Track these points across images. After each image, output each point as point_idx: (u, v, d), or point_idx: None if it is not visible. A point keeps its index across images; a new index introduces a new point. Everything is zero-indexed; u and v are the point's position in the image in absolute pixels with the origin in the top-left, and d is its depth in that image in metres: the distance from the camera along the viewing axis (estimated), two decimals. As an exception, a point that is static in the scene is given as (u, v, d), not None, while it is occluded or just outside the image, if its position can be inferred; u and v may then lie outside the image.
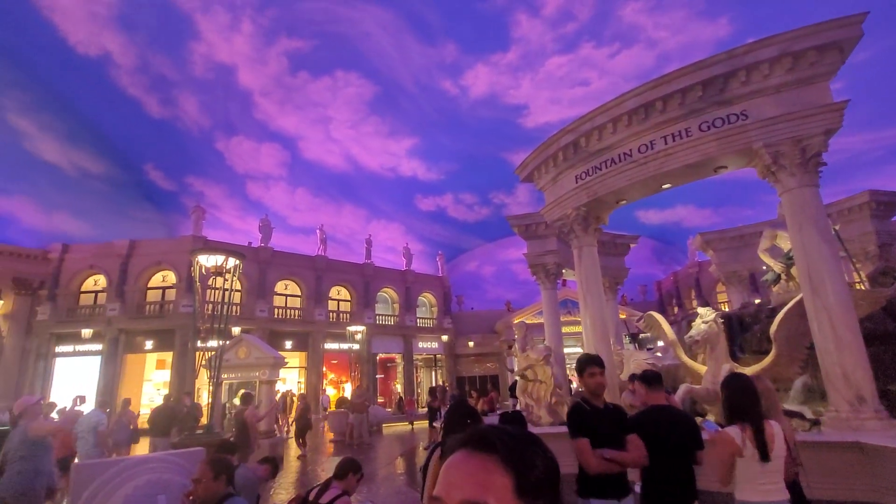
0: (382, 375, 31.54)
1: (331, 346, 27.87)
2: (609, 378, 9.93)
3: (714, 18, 31.81)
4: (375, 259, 31.77)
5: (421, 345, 32.62)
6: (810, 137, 7.61)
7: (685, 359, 9.56)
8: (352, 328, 23.49)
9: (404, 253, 33.82)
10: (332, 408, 20.18)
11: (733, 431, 3.05)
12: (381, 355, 31.06)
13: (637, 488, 7.04)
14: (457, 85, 36.25)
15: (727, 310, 17.15)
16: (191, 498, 2.79)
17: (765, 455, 2.95)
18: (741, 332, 10.22)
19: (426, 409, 17.94)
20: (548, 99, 36.86)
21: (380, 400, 28.73)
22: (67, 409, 8.03)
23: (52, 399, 16.31)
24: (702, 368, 8.79)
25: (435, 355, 33.67)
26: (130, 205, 32.41)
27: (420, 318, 33.44)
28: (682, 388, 8.62)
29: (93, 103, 29.11)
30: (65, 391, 20.02)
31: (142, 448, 11.78)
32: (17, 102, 27.21)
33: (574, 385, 14.64)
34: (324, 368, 27.99)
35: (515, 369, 12.72)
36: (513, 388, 17.67)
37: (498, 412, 16.13)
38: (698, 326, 8.33)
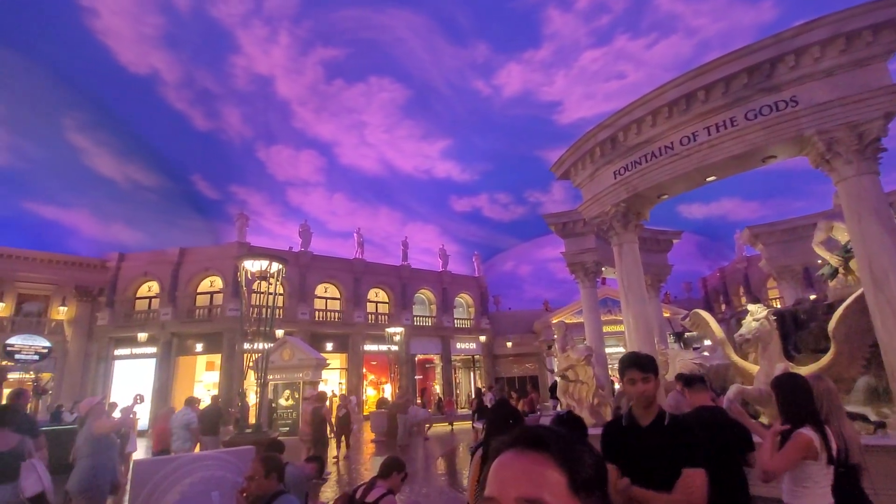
0: (421, 376, 31.76)
1: (370, 347, 28.30)
2: (654, 378, 9.65)
3: (756, 2, 30.42)
4: (412, 261, 32.05)
5: (459, 345, 32.65)
6: (868, 122, 7.15)
7: (735, 358, 9.17)
8: (390, 329, 23.78)
9: (440, 254, 33.96)
10: (372, 408, 20.53)
11: (810, 433, 2.88)
12: (419, 356, 31.29)
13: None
14: (489, 84, 36.14)
15: (780, 306, 16.33)
16: (244, 494, 2.90)
17: (832, 459, 2.80)
18: (796, 329, 9.71)
19: (472, 410, 17.98)
20: (582, 94, 36.21)
21: (418, 401, 28.94)
22: (127, 408, 8.49)
23: (112, 399, 17.29)
24: (753, 368, 8.41)
25: (473, 356, 33.63)
26: (179, 214, 34.00)
27: (457, 318, 33.49)
28: (733, 389, 8.27)
29: (143, 119, 30.71)
30: (124, 392, 21.17)
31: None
32: (76, 122, 29.05)
33: (618, 386, 14.30)
34: (364, 370, 28.47)
35: (556, 370, 12.54)
36: (553, 388, 17.44)
37: (539, 413, 15.94)
38: (749, 324, 7.97)
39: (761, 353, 8.06)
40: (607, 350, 15.56)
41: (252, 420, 9.65)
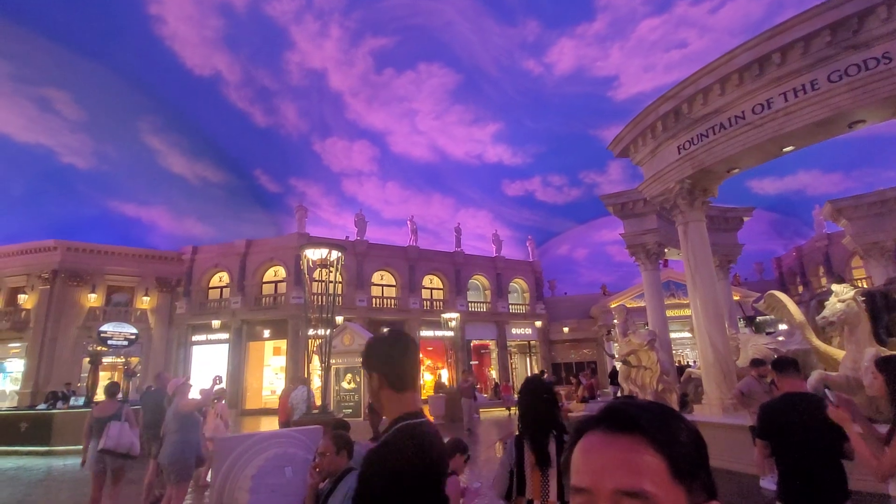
0: (476, 362, 31.95)
1: (426, 333, 28.77)
2: (725, 365, 9.17)
3: (840, -49, 27.46)
4: (465, 247, 32.09)
5: (514, 331, 32.50)
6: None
7: (817, 343, 8.53)
8: (446, 315, 24.02)
9: (493, 239, 33.77)
10: (430, 392, 20.93)
11: None
12: (474, 342, 31.45)
13: (766, 484, 6.43)
14: (540, 63, 35.14)
15: (868, 286, 14.96)
16: (317, 469, 3.03)
17: None
18: (887, 311, 8.86)
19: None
20: (640, 67, 34.44)
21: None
22: (206, 389, 9.18)
23: (191, 381, 18.64)
24: (838, 353, 7.78)
25: (529, 341, 33.39)
26: (244, 208, 35.85)
27: (512, 304, 33.29)
28: (815, 375, 7.69)
29: (209, 119, 32.47)
30: (201, 374, 22.81)
31: (266, 425, 13.09)
32: (150, 125, 31.18)
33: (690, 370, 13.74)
34: (420, 355, 28.99)
35: (617, 355, 12.19)
36: (613, 374, 17.02)
37: (599, 400, 15.62)
38: (833, 306, 7.36)
39: (847, 336, 7.44)
40: (672, 335, 14.94)
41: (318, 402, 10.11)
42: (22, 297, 25.41)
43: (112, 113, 29.68)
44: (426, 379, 29.17)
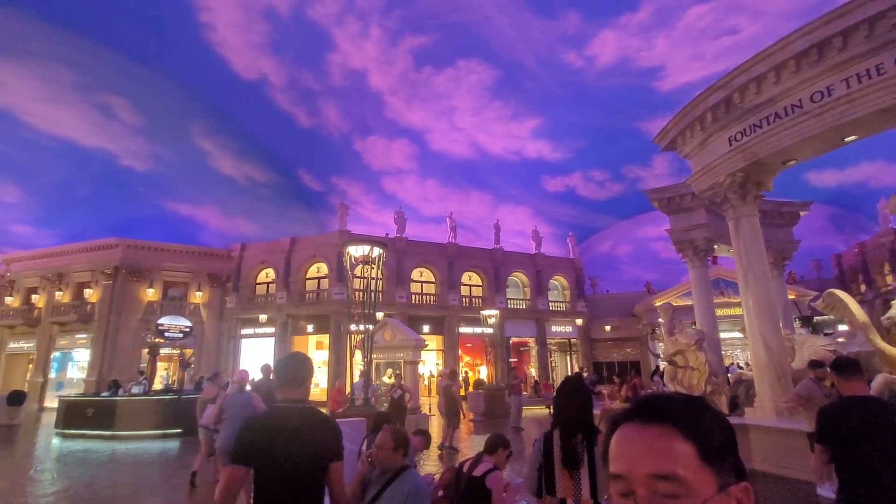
0: (516, 359, 31.77)
1: (465, 329, 28.84)
2: (780, 367, 8.75)
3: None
4: (504, 244, 31.92)
5: (554, 328, 32.09)
6: None
7: (882, 345, 8.00)
8: (485, 312, 23.99)
9: (533, 236, 33.42)
10: (469, 388, 20.99)
11: None
12: (513, 339, 31.28)
13: (824, 491, 6.10)
14: (581, 56, 34.40)
15: (942, 286, 13.87)
16: (369, 459, 3.06)
17: None
18: (965, 312, 8.21)
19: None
20: (688, 56, 33.12)
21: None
22: (258, 380, 9.66)
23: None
24: (908, 356, 7.27)
25: (569, 339, 32.88)
26: (289, 206, 37.03)
27: (552, 301, 32.88)
28: (880, 379, 7.24)
29: (256, 121, 33.69)
30: (250, 366, 23.76)
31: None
32: (201, 128, 32.68)
33: (737, 370, 13.21)
34: (459, 351, 29.12)
35: (662, 355, 11.84)
36: (654, 374, 16.53)
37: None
38: (902, 305, 6.88)
39: (919, 338, 6.94)
40: (721, 335, 14.35)
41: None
42: (87, 292, 27.24)
43: (167, 117, 31.31)
44: (466, 375, 29.28)
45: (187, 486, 7.97)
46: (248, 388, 7.59)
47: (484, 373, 29.75)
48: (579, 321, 32.41)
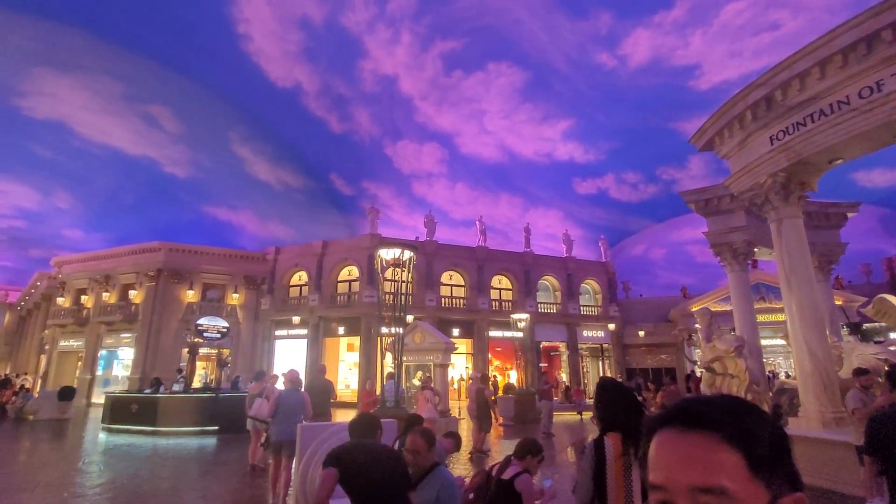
0: (546, 364, 31.35)
1: (495, 333, 28.67)
2: (826, 376, 8.35)
3: None
4: (534, 247, 31.62)
5: (585, 333, 31.55)
6: None
7: (941, 354, 7.51)
8: (515, 316, 23.77)
9: (564, 239, 32.97)
10: (499, 393, 20.83)
11: None
12: (544, 343, 30.90)
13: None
14: (614, 56, 33.87)
15: None
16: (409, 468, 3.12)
17: None
18: None
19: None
20: (725, 53, 32.15)
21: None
22: (306, 383, 10.18)
23: (274, 372, 19.96)
24: (970, 366, 6.79)
25: (601, 345, 32.25)
26: (321, 210, 37.80)
27: (584, 305, 32.34)
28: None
29: (290, 128, 34.61)
30: (283, 366, 24.32)
31: (341, 417, 13.70)
32: (238, 135, 33.80)
33: (780, 378, 12.70)
34: (489, 355, 28.98)
35: (699, 361, 11.48)
36: (688, 381, 16.02)
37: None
38: (963, 312, 6.46)
39: (982, 348, 6.49)
40: (762, 342, 13.79)
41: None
42: (132, 293, 28.48)
43: (206, 125, 32.54)
44: (495, 379, 29.10)
45: (225, 481, 8.23)
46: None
47: (514, 377, 29.49)
48: (612, 326, 31.75)
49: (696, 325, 11.68)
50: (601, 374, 31.57)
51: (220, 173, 34.53)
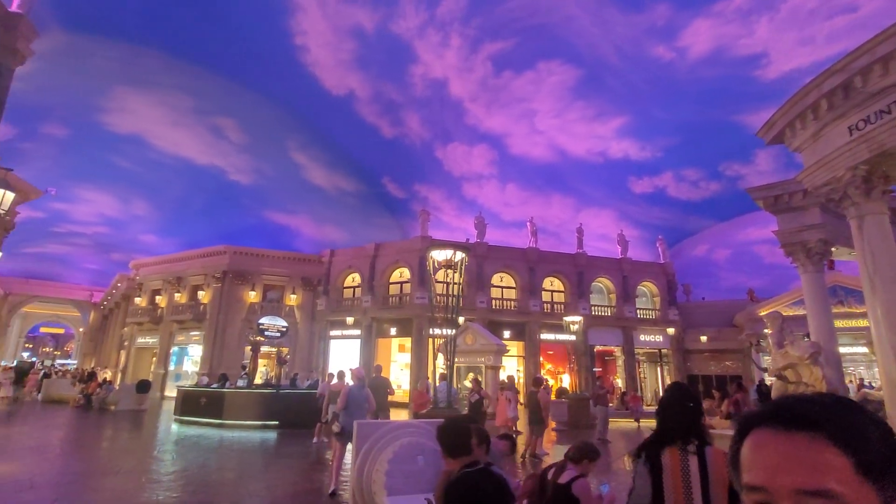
0: (600, 368, 30.48)
1: (546, 336, 28.20)
2: (917, 385, 7.59)
3: None
4: (588, 248, 30.85)
5: (643, 338, 30.39)
6: None
7: None
8: (568, 318, 23.28)
9: (619, 240, 31.95)
10: (552, 397, 20.44)
11: None
12: (598, 347, 30.07)
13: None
14: (672, 48, 32.47)
15: None
16: None
17: None
18: None
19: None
20: (795, 40, 30.02)
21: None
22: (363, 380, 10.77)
23: (330, 370, 20.60)
24: None
25: (659, 349, 30.95)
26: (373, 213, 38.72)
27: (640, 308, 31.17)
28: None
29: (344, 134, 35.70)
30: (338, 365, 25.05)
31: (394, 417, 13.95)
32: (296, 142, 35.26)
33: (863, 390, 11.72)
34: (540, 358, 28.52)
35: (769, 369, 10.76)
36: (759, 389, 15.03)
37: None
38: None
39: None
40: (841, 350, 12.75)
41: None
42: (200, 293, 30.36)
43: (267, 135, 34.21)
44: (547, 383, 28.59)
45: (285, 473, 8.59)
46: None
47: (566, 381, 28.86)
48: (671, 330, 30.40)
49: (766, 330, 10.95)
50: (660, 381, 30.29)
51: (280, 180, 36.20)
